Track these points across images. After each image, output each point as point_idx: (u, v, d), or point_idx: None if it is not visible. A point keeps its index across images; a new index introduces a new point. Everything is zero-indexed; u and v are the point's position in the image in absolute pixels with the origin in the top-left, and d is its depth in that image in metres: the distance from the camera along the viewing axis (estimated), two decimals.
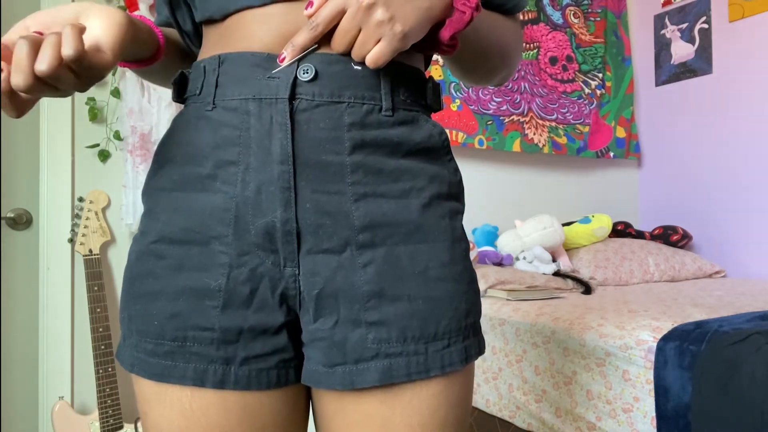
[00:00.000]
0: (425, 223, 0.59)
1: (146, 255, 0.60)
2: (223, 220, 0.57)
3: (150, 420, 0.60)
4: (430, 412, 0.58)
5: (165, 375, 0.57)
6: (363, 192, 0.57)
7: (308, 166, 0.56)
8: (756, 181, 2.59)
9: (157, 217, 0.60)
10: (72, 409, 1.60)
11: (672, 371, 1.22)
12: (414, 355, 0.57)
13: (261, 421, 0.60)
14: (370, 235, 0.57)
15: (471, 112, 2.43)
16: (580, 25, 2.82)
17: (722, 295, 1.89)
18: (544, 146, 2.64)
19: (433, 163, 0.63)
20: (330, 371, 0.57)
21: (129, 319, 0.60)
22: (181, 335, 0.57)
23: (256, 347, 0.58)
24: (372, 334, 0.56)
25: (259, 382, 0.58)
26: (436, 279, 0.59)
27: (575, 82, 2.79)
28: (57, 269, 1.69)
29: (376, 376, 0.56)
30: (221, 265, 0.57)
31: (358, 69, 0.57)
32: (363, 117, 0.57)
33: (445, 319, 0.58)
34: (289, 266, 0.57)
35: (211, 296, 0.57)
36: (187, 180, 0.59)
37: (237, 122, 0.57)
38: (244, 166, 0.56)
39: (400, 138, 0.59)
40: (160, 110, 1.72)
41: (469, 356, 0.60)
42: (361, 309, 0.57)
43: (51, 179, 1.69)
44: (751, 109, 2.60)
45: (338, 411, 0.59)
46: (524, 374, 1.58)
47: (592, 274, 2.31)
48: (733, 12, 2.65)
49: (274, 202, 0.56)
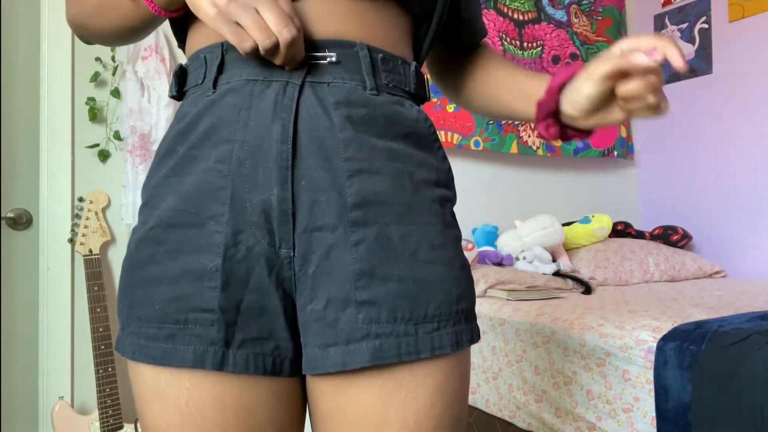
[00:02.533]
0: (417, 205, 0.60)
1: (145, 242, 0.60)
2: (218, 199, 0.57)
3: (148, 418, 0.60)
4: (425, 410, 0.58)
5: (165, 358, 0.57)
6: (357, 168, 0.58)
7: (303, 145, 0.57)
8: (756, 181, 2.59)
9: (155, 205, 0.60)
10: (72, 409, 1.60)
11: (672, 371, 1.22)
12: (404, 336, 0.57)
13: (257, 419, 0.60)
14: (363, 213, 0.57)
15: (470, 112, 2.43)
16: (582, 23, 2.82)
17: (722, 295, 1.89)
18: (539, 148, 2.64)
19: (422, 150, 0.63)
20: (324, 353, 0.57)
21: (129, 307, 0.60)
22: (183, 317, 0.57)
23: (253, 329, 0.58)
24: (362, 314, 0.56)
25: (256, 366, 0.58)
26: (426, 261, 0.59)
27: None
28: (57, 269, 1.69)
29: (367, 357, 0.56)
30: (216, 245, 0.57)
31: (333, 54, 0.59)
32: (347, 95, 0.58)
33: (434, 302, 0.58)
34: (284, 248, 0.57)
35: (210, 277, 0.57)
36: (182, 163, 0.59)
37: (238, 101, 0.58)
38: (239, 144, 0.57)
39: (388, 118, 0.60)
40: (159, 110, 1.72)
41: (459, 342, 0.59)
42: (351, 288, 0.56)
43: (51, 179, 1.69)
44: (751, 109, 2.60)
45: (335, 409, 0.59)
46: (524, 374, 1.58)
47: (592, 274, 2.31)
48: (733, 12, 2.65)
49: (270, 179, 0.56)
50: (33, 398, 1.71)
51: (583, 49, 2.81)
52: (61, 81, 1.71)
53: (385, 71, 0.61)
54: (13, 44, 1.70)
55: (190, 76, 0.63)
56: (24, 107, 1.72)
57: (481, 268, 2.05)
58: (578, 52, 2.79)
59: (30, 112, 1.72)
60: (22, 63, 1.71)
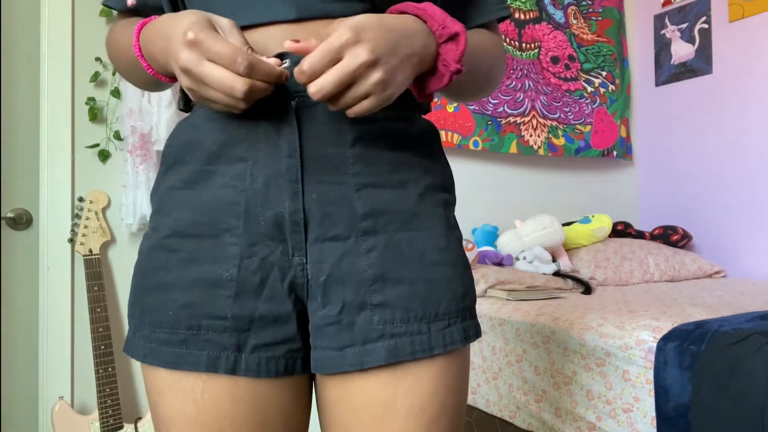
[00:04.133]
0: (421, 211, 0.63)
1: (158, 249, 0.62)
2: (233, 213, 0.60)
3: (161, 410, 0.62)
4: (429, 396, 0.61)
5: (179, 362, 0.60)
6: (364, 182, 0.61)
7: (313, 159, 0.60)
8: (756, 181, 2.59)
9: (168, 213, 0.63)
10: (72, 409, 1.60)
11: (672, 371, 1.22)
12: (417, 335, 0.60)
13: (268, 411, 0.62)
14: (372, 222, 0.61)
15: (469, 112, 2.42)
16: (580, 26, 2.82)
17: (722, 295, 1.89)
18: (540, 148, 2.64)
19: (427, 157, 0.66)
20: (340, 354, 0.60)
21: (141, 312, 0.62)
22: (196, 324, 0.59)
23: (266, 336, 0.60)
24: (377, 316, 0.59)
25: (269, 370, 0.61)
26: (433, 263, 0.62)
27: (578, 81, 2.79)
28: (57, 269, 1.69)
29: (383, 355, 0.59)
30: (233, 256, 0.60)
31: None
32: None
33: (444, 301, 0.62)
34: (297, 255, 0.60)
35: (224, 286, 0.60)
36: (197, 178, 0.62)
37: (244, 120, 0.61)
38: (252, 162, 0.60)
39: (397, 131, 0.63)
40: (160, 110, 1.72)
41: (467, 336, 0.63)
42: (366, 292, 0.60)
43: (51, 179, 1.69)
44: (751, 109, 2.60)
45: (342, 397, 0.62)
46: (524, 374, 1.58)
47: (592, 274, 2.31)
48: (733, 12, 2.65)
49: (282, 193, 0.59)
50: (33, 398, 1.71)
51: (580, 51, 2.81)
52: (61, 81, 1.71)
53: None
54: (13, 44, 1.70)
55: None
56: (24, 107, 1.72)
57: (481, 268, 2.05)
58: (575, 53, 2.80)
59: (30, 112, 1.72)
60: (22, 63, 1.71)
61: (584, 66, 2.82)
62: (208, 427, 0.60)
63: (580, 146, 2.77)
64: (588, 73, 2.83)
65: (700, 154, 2.81)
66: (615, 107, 2.90)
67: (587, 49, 2.84)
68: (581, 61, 2.81)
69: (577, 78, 2.79)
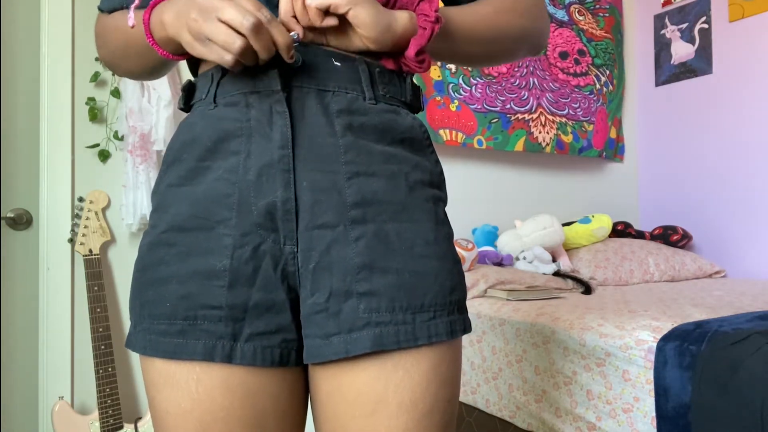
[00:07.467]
0: (411, 204, 0.64)
1: (157, 245, 0.64)
2: (226, 205, 0.61)
3: (158, 403, 0.63)
4: (421, 390, 0.61)
5: (176, 352, 0.61)
6: (356, 171, 0.62)
7: (305, 149, 0.61)
8: (756, 180, 2.59)
9: (166, 210, 0.64)
10: (72, 409, 1.60)
11: (672, 371, 1.22)
12: (402, 324, 0.60)
13: (262, 404, 0.63)
14: (361, 211, 0.61)
15: (471, 111, 2.42)
16: (588, 21, 2.81)
17: (722, 295, 1.89)
18: (548, 145, 2.63)
19: (416, 154, 0.67)
20: (327, 342, 0.60)
21: (141, 306, 0.64)
22: (192, 314, 0.61)
23: (260, 325, 0.61)
24: (363, 304, 0.60)
25: (264, 359, 0.62)
26: (421, 255, 0.63)
27: (588, 76, 2.78)
28: (57, 269, 1.69)
29: (368, 343, 0.59)
30: (225, 246, 0.61)
31: (338, 65, 0.63)
32: (349, 104, 0.63)
33: (430, 293, 0.62)
34: (288, 244, 0.61)
35: (218, 276, 0.61)
36: (194, 174, 0.63)
37: (238, 115, 0.62)
38: (245, 154, 0.61)
39: (385, 125, 0.65)
40: (159, 110, 1.72)
41: (453, 331, 0.63)
42: (352, 280, 0.60)
43: (51, 179, 1.69)
44: (751, 109, 2.60)
45: (334, 391, 0.62)
46: (524, 374, 1.58)
47: (592, 274, 2.31)
48: (733, 12, 2.65)
49: (274, 183, 0.60)
50: (33, 398, 1.71)
51: (590, 46, 2.81)
52: (61, 81, 1.71)
53: (382, 83, 0.66)
54: (13, 44, 1.70)
55: (197, 91, 0.68)
56: (24, 107, 1.72)
57: (481, 268, 2.05)
58: (585, 48, 2.78)
59: (30, 112, 1.72)
60: (22, 63, 1.71)
61: (595, 61, 2.81)
62: (203, 420, 0.61)
63: (583, 145, 2.76)
64: (599, 69, 2.83)
65: (700, 154, 2.81)
66: (610, 108, 2.90)
67: (597, 44, 2.83)
68: (592, 56, 2.80)
69: (587, 72, 2.78)
